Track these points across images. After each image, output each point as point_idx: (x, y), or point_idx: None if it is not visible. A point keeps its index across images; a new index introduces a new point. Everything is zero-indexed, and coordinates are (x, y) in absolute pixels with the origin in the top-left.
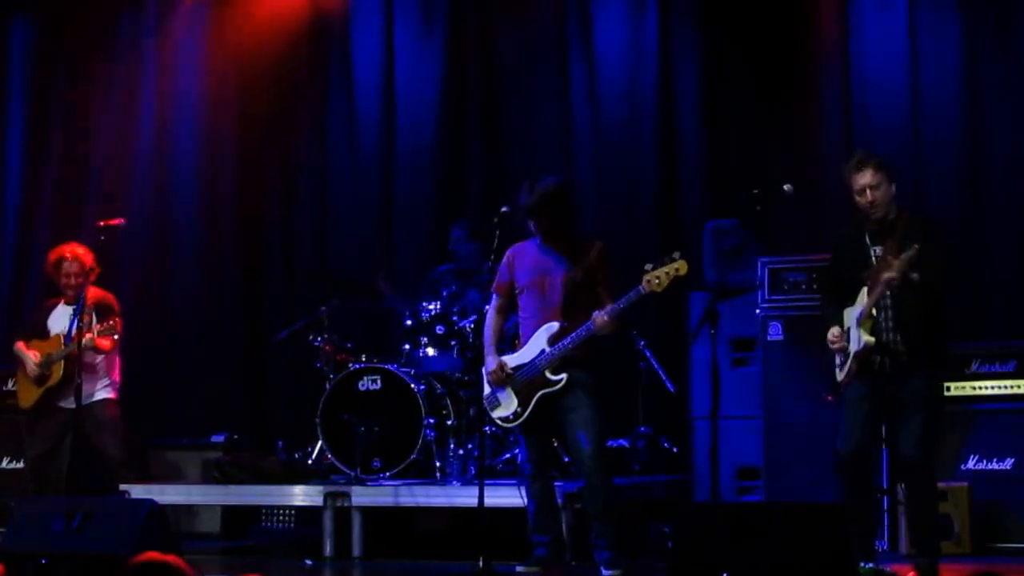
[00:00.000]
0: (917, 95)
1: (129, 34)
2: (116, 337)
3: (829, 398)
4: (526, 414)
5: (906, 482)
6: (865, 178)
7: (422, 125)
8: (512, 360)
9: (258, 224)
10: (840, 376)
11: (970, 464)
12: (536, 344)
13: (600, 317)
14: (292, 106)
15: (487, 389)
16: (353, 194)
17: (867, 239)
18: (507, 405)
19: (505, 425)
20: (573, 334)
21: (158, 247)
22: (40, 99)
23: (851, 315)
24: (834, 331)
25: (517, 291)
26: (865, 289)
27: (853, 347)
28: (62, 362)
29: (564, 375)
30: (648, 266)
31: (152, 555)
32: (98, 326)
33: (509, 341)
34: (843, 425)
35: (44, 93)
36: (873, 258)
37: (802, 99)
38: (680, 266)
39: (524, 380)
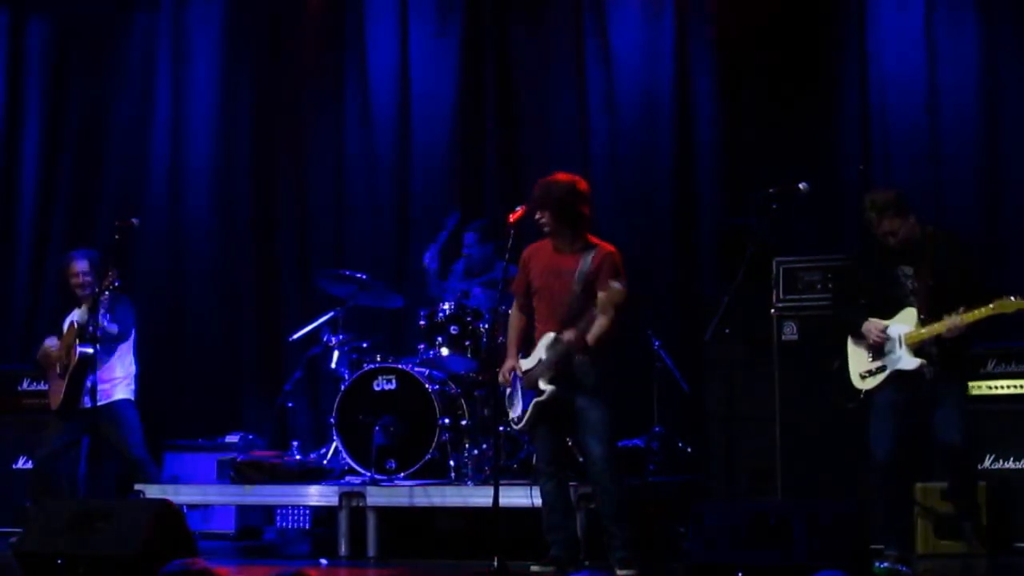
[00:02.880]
0: (934, 93)
1: (144, 33)
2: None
3: (850, 406)
4: (526, 418)
5: (954, 470)
6: (884, 227)
7: (437, 124)
8: (525, 364)
9: (273, 223)
10: (865, 385)
11: (987, 463)
12: (538, 352)
13: (567, 335)
14: (307, 104)
15: (507, 388)
16: (368, 193)
17: (892, 258)
18: (516, 407)
19: (515, 427)
20: (551, 352)
21: (173, 246)
22: (56, 99)
23: (889, 330)
24: (879, 326)
25: (532, 292)
26: (911, 310)
27: (898, 365)
28: (75, 344)
29: (551, 387)
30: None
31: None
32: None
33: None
34: (875, 431)
35: (59, 93)
36: (903, 277)
37: (819, 98)
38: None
39: (528, 385)
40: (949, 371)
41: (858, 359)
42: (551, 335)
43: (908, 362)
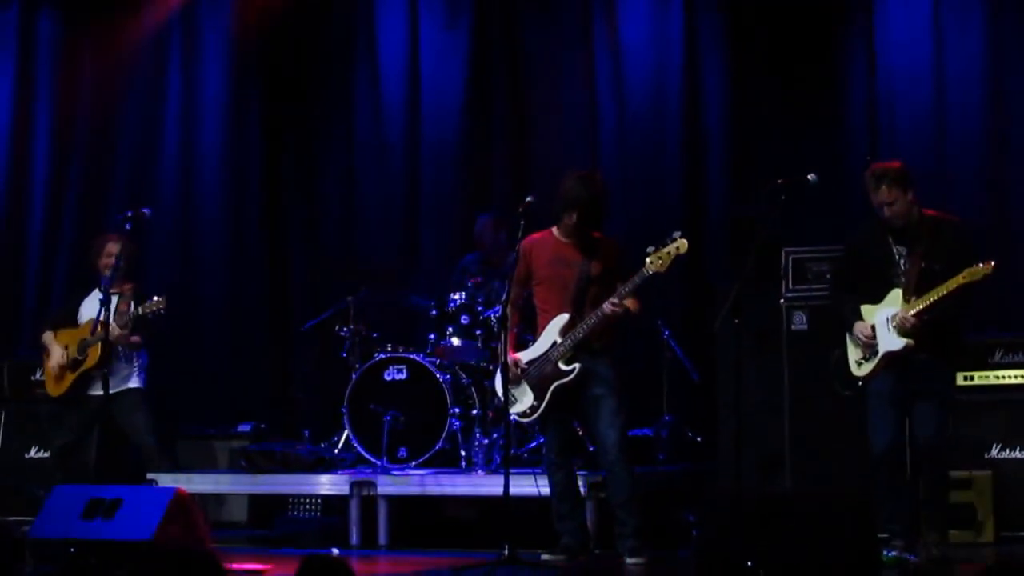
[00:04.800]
0: (941, 85)
1: (154, 24)
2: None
3: (848, 394)
4: (542, 407)
5: (926, 464)
6: (881, 195)
7: (447, 115)
8: (526, 355)
9: (284, 214)
10: (860, 372)
11: (993, 452)
12: (548, 336)
13: (608, 306)
14: (317, 95)
15: (499, 385)
16: (379, 183)
17: (889, 238)
18: (523, 401)
19: (523, 420)
20: (583, 323)
21: (184, 236)
22: (66, 91)
23: (878, 314)
24: (866, 329)
25: (535, 284)
26: (898, 291)
27: (887, 347)
28: (99, 345)
29: (577, 365)
30: (650, 248)
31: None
32: (141, 306)
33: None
34: (873, 423)
35: (70, 85)
36: (898, 257)
37: (827, 88)
38: (680, 245)
39: (538, 375)
40: (937, 358)
41: (854, 347)
42: (565, 316)
43: (894, 343)
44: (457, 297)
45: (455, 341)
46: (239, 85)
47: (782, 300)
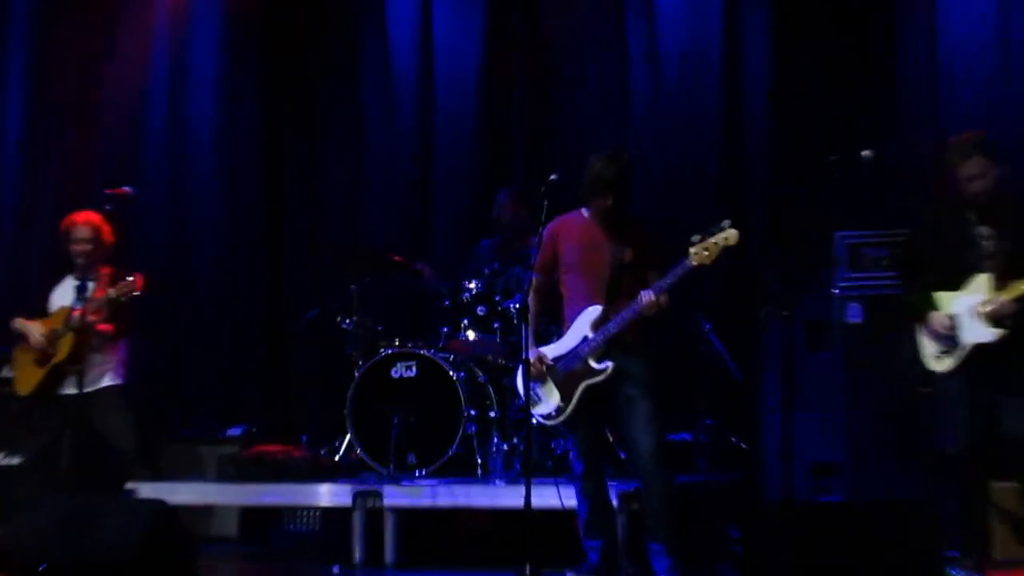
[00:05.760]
0: (1006, 52)
1: None
2: (130, 295)
3: (927, 391)
4: (569, 409)
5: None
6: (971, 167)
7: (463, 85)
8: (552, 350)
9: (283, 193)
10: (941, 366)
11: None
12: (578, 330)
13: (646, 296)
14: (320, 63)
15: (520, 384)
16: (387, 159)
17: (971, 217)
18: (548, 401)
19: (548, 423)
20: (617, 316)
21: (171, 218)
22: (42, 55)
23: (957, 302)
24: (944, 320)
25: (562, 270)
26: (982, 276)
27: (974, 338)
28: (69, 336)
29: (609, 363)
30: (695, 237)
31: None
32: (111, 288)
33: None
34: (948, 422)
35: (46, 48)
36: (979, 239)
37: (880, 58)
38: (730, 236)
39: (566, 372)
40: (1019, 350)
41: (930, 340)
42: (597, 307)
43: (982, 333)
44: (473, 285)
45: (470, 334)
46: (234, 54)
47: (835, 290)
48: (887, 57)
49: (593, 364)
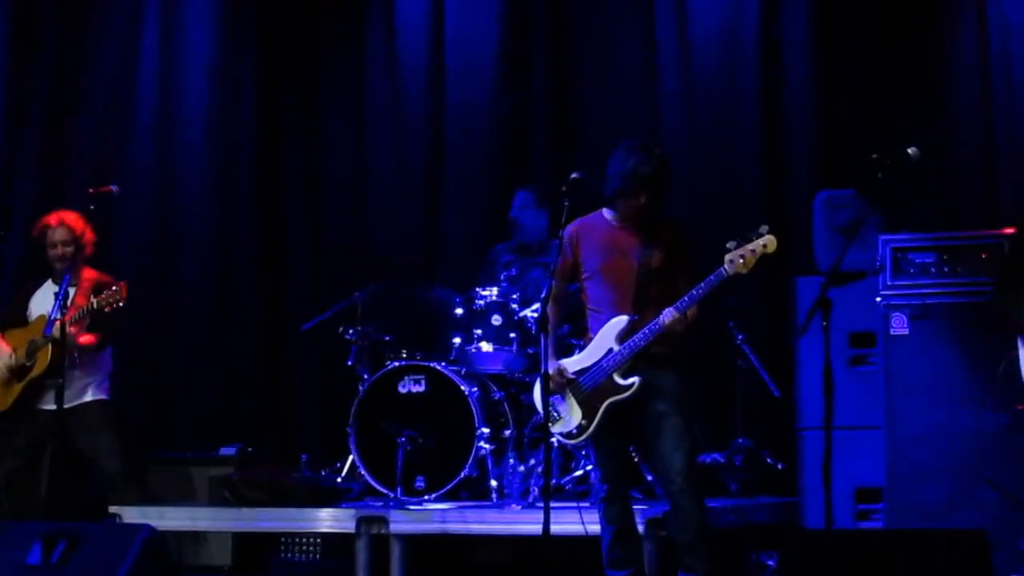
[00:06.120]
0: None
1: None
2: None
3: (1021, 407)
4: (592, 427)
5: None
6: None
7: (477, 73)
8: (574, 363)
9: (281, 193)
10: None
11: None
12: (602, 343)
13: (667, 316)
14: (322, 50)
15: (538, 400)
16: (394, 156)
17: None
18: (569, 418)
19: (568, 442)
20: (645, 329)
21: (160, 219)
22: (20, 40)
23: None
24: None
25: (584, 276)
26: None
27: None
28: (48, 348)
29: (636, 378)
30: (731, 243)
31: None
32: (95, 298)
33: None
34: None
35: (25, 33)
36: None
37: (931, 45)
38: (768, 242)
39: (589, 387)
40: None
41: None
42: (624, 319)
43: None
44: (488, 293)
45: (485, 346)
46: (230, 41)
47: (879, 298)
48: (937, 48)
49: (619, 380)
